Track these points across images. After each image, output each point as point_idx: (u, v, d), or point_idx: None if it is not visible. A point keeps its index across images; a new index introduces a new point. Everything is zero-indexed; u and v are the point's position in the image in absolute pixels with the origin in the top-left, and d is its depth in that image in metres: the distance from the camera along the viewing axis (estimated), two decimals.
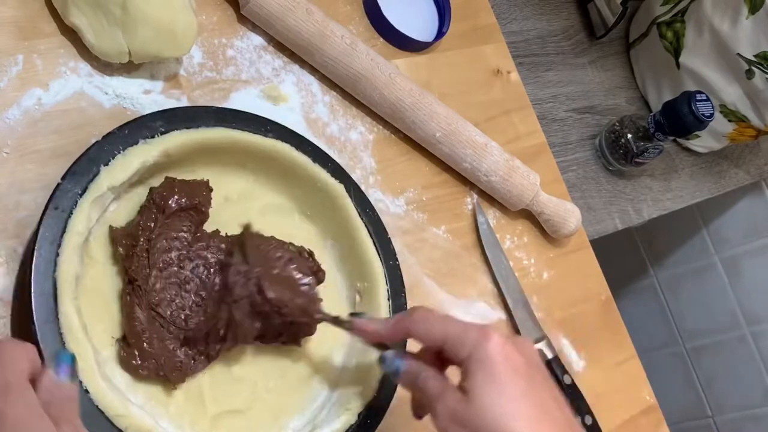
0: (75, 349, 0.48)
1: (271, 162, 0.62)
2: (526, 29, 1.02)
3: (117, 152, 0.54)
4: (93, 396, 0.48)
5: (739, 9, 0.96)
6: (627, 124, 0.99)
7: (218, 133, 0.59)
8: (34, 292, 0.48)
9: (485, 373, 0.45)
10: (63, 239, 0.50)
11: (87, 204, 0.51)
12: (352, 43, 0.71)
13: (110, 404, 0.49)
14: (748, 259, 1.35)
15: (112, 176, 0.53)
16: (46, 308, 0.48)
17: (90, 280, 0.53)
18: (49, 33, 0.59)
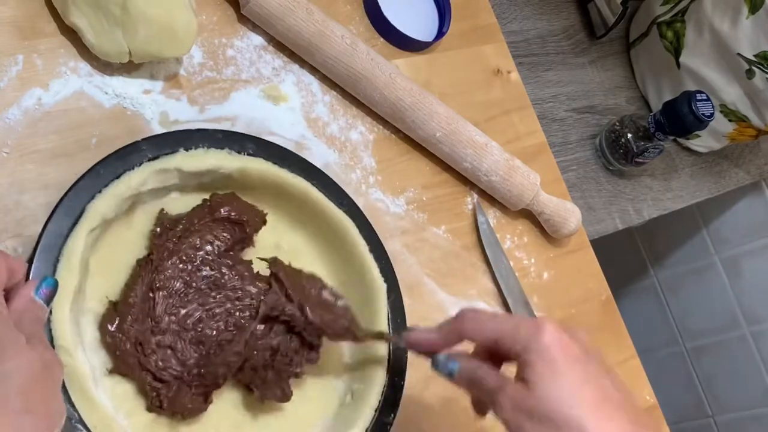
0: (62, 271, 0.49)
1: (333, 237, 0.63)
2: (526, 29, 1.02)
3: (201, 146, 0.58)
4: (51, 324, 0.49)
5: (739, 9, 0.96)
6: (627, 123, 0.99)
7: (299, 183, 0.61)
8: (57, 212, 0.51)
9: (544, 362, 0.46)
10: (112, 183, 0.53)
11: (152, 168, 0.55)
12: (352, 43, 0.71)
13: (62, 335, 0.49)
14: (748, 259, 1.35)
15: (185, 162, 0.57)
16: (58, 231, 0.51)
17: (116, 239, 0.55)
18: (49, 33, 0.59)
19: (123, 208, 0.55)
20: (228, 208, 0.58)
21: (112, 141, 0.59)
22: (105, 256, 0.55)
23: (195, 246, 0.57)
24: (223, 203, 0.58)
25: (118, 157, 0.55)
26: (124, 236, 0.56)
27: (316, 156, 0.69)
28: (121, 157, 0.55)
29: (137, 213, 0.57)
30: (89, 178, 0.53)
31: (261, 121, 0.67)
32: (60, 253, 0.50)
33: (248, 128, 0.66)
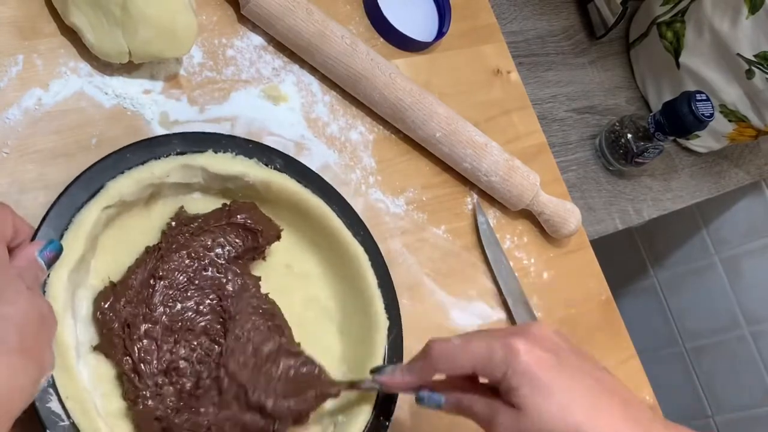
0: (68, 239, 0.50)
1: (344, 265, 0.62)
2: (526, 29, 1.02)
3: (230, 151, 0.59)
4: (47, 287, 0.49)
5: (739, 9, 0.96)
6: (627, 124, 0.99)
7: (320, 206, 0.61)
8: (74, 185, 0.52)
9: (527, 384, 0.46)
10: (136, 167, 0.54)
11: (178, 162, 0.56)
12: (352, 43, 0.71)
13: (55, 299, 0.49)
14: (748, 259, 1.35)
15: (211, 162, 0.57)
16: (71, 203, 0.52)
17: (132, 224, 0.56)
18: (49, 33, 0.59)
19: (143, 194, 0.55)
20: (245, 216, 0.58)
21: (112, 141, 0.59)
22: (117, 237, 0.55)
23: (206, 245, 0.57)
24: (241, 210, 0.58)
25: (147, 145, 0.55)
26: (140, 223, 0.57)
27: (315, 156, 0.69)
28: (149, 146, 0.55)
29: (158, 204, 0.58)
30: (113, 159, 0.54)
31: (261, 122, 0.67)
32: (70, 221, 0.51)
33: (248, 128, 0.66)
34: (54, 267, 0.49)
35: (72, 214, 0.51)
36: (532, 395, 0.46)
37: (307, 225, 0.62)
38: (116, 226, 0.55)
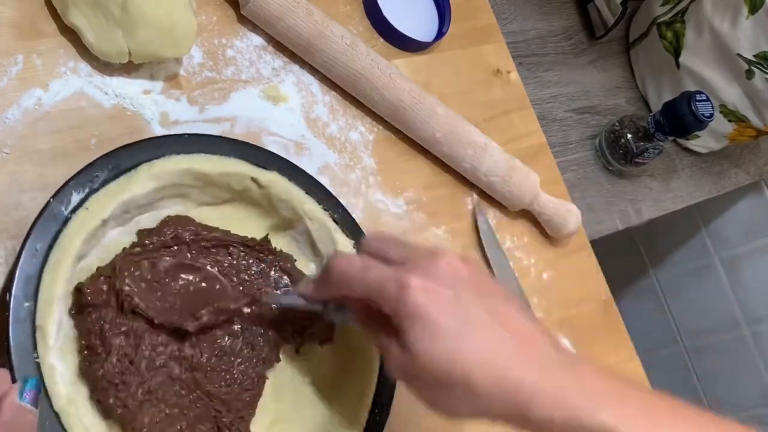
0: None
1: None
2: (526, 29, 1.02)
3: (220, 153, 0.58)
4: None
5: (739, 9, 0.96)
6: (627, 124, 0.99)
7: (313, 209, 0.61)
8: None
9: (415, 325, 0.43)
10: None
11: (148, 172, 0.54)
12: (352, 43, 0.71)
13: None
14: (748, 259, 1.35)
15: (200, 163, 0.56)
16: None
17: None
18: (48, 33, 0.59)
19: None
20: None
21: (112, 141, 0.59)
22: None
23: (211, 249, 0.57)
24: (171, 222, 0.56)
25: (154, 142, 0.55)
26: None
27: (315, 156, 0.69)
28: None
29: (143, 222, 0.56)
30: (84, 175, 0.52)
31: (261, 122, 0.67)
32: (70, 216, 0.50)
33: (248, 128, 0.66)
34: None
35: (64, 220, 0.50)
36: (420, 339, 0.43)
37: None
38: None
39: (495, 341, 0.44)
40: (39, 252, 0.49)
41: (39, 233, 0.49)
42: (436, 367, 0.43)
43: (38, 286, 0.48)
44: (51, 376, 0.47)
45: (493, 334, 0.44)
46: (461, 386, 0.43)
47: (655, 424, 0.44)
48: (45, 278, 0.49)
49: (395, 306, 0.44)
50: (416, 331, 0.43)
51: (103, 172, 0.52)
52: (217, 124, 0.65)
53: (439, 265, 0.45)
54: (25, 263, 0.48)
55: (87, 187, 0.51)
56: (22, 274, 0.48)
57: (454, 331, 0.43)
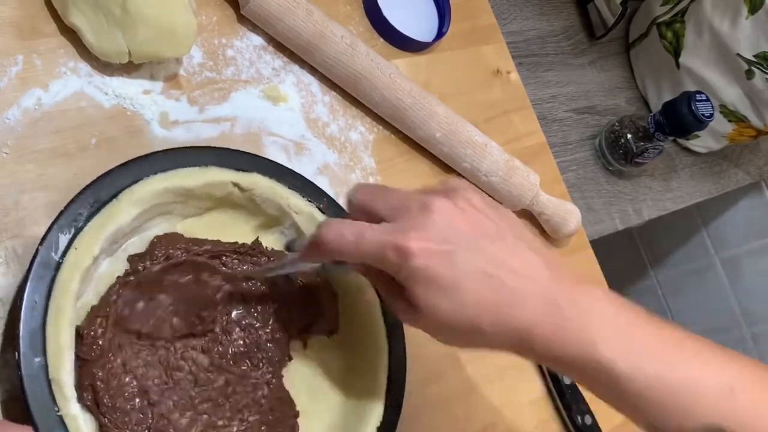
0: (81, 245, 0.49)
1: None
2: (525, 29, 1.02)
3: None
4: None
5: (738, 9, 0.96)
6: (627, 124, 0.99)
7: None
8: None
9: (419, 285, 0.44)
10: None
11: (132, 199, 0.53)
12: (352, 43, 0.71)
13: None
14: (748, 259, 1.35)
15: (180, 179, 0.55)
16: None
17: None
18: (48, 33, 0.59)
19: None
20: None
21: (112, 141, 0.59)
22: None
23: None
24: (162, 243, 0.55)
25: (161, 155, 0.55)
26: None
27: (315, 156, 0.69)
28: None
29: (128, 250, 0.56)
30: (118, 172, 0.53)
31: (261, 122, 0.67)
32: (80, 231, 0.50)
33: (248, 128, 0.66)
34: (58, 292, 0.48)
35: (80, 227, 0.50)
36: (425, 295, 0.44)
37: None
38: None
39: (496, 288, 0.44)
40: (38, 304, 0.48)
41: (35, 285, 0.48)
42: (442, 320, 0.45)
43: (44, 339, 0.47)
44: (75, 426, 0.47)
45: (493, 281, 0.44)
46: (470, 332, 0.45)
47: (657, 359, 0.45)
48: (49, 330, 0.48)
49: (397, 270, 0.45)
50: (420, 291, 0.44)
51: (85, 208, 0.51)
52: (217, 124, 0.65)
53: (434, 218, 0.45)
54: (26, 318, 0.47)
55: (72, 227, 0.50)
56: (26, 330, 0.47)
57: (455, 285, 0.44)
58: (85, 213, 0.51)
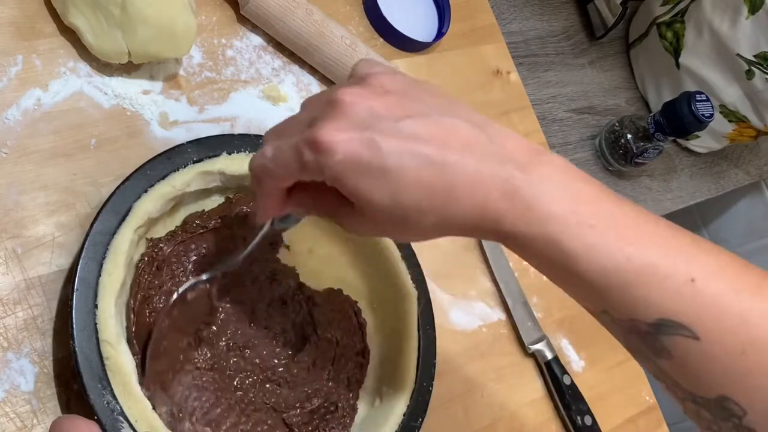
0: (108, 266, 0.50)
1: (368, 246, 0.63)
2: (525, 29, 1.02)
3: (243, 150, 0.59)
4: (97, 318, 0.49)
5: (738, 9, 0.96)
6: (627, 124, 0.99)
7: None
8: (104, 210, 0.51)
9: (346, 182, 0.40)
10: (158, 183, 0.54)
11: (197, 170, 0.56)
12: (352, 43, 0.71)
13: (105, 329, 0.49)
14: (747, 259, 1.34)
15: (228, 164, 0.58)
16: (105, 230, 0.51)
17: (160, 233, 0.57)
18: (48, 33, 0.59)
19: (167, 207, 0.56)
20: (245, 208, 0.58)
21: (112, 141, 0.59)
22: None
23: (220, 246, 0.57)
24: (243, 201, 0.58)
25: (164, 158, 0.55)
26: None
27: None
28: (167, 159, 0.56)
29: (180, 212, 0.58)
30: (136, 179, 0.54)
31: (260, 122, 0.67)
32: (107, 250, 0.51)
33: (248, 129, 0.66)
34: (100, 297, 0.49)
35: (107, 241, 0.51)
36: (356, 188, 0.40)
37: None
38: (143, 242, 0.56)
39: (434, 161, 0.39)
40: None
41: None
42: (386, 213, 0.40)
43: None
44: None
45: (430, 154, 0.39)
46: (416, 219, 0.41)
47: (613, 241, 0.40)
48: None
49: (321, 171, 0.40)
50: (350, 184, 0.40)
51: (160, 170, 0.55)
52: (216, 124, 0.65)
53: (344, 109, 0.40)
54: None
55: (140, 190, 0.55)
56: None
57: (385, 168, 0.39)
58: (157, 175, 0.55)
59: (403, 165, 0.39)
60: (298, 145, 0.40)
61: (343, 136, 0.39)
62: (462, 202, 0.40)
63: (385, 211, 0.40)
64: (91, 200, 0.56)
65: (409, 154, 0.39)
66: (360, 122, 0.40)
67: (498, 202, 0.40)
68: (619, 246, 0.40)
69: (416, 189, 0.40)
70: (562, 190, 0.41)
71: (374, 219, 0.41)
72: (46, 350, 0.51)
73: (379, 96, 0.41)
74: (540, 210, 0.40)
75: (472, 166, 0.40)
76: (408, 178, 0.39)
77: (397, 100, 0.41)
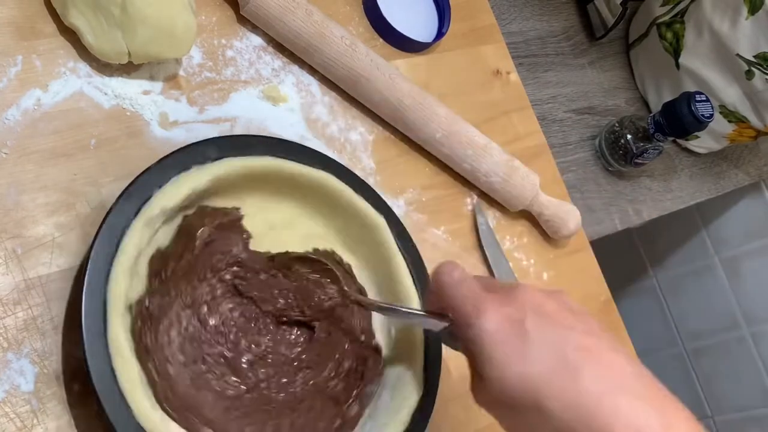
0: (120, 367, 0.48)
1: (315, 192, 0.62)
2: (525, 30, 1.02)
3: (170, 176, 0.55)
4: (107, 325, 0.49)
5: (738, 9, 0.96)
6: (626, 124, 0.99)
7: (266, 162, 0.60)
8: (84, 308, 0.49)
9: (481, 350, 0.44)
10: (114, 260, 0.50)
11: (140, 225, 0.52)
12: (352, 43, 0.71)
13: (116, 338, 0.49)
14: (747, 259, 1.35)
15: (165, 200, 0.53)
16: (96, 326, 0.49)
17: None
18: (48, 33, 0.59)
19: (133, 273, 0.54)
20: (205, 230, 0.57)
21: (112, 142, 0.59)
22: None
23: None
24: (196, 225, 0.57)
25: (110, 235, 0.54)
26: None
27: None
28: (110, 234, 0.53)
29: (141, 264, 0.56)
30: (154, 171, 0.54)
31: (260, 122, 0.67)
32: (107, 344, 0.49)
33: (248, 129, 0.66)
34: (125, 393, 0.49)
35: (102, 335, 0.50)
36: (488, 364, 0.44)
37: (310, 196, 0.63)
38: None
39: (567, 366, 0.43)
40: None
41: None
42: (506, 391, 0.43)
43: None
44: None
45: (565, 358, 0.43)
46: (534, 410, 0.43)
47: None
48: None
49: (465, 326, 0.45)
50: (485, 357, 0.44)
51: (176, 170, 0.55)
52: (216, 124, 0.65)
53: (517, 294, 0.46)
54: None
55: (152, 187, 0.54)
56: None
57: (521, 356, 0.43)
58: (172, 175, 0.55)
59: (541, 354, 0.43)
60: (471, 297, 0.46)
61: (500, 309, 0.45)
62: (582, 409, 0.42)
63: (504, 390, 0.44)
64: (91, 200, 0.56)
65: (552, 348, 0.43)
66: (525, 311, 0.45)
67: (625, 416, 0.41)
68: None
69: (544, 381, 0.42)
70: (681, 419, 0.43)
71: (492, 395, 0.44)
72: (46, 350, 0.51)
73: (553, 299, 0.46)
74: None
75: (609, 390, 0.42)
76: (540, 366, 0.43)
77: (567, 313, 0.46)
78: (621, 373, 0.43)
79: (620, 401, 0.42)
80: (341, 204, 0.63)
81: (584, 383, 0.42)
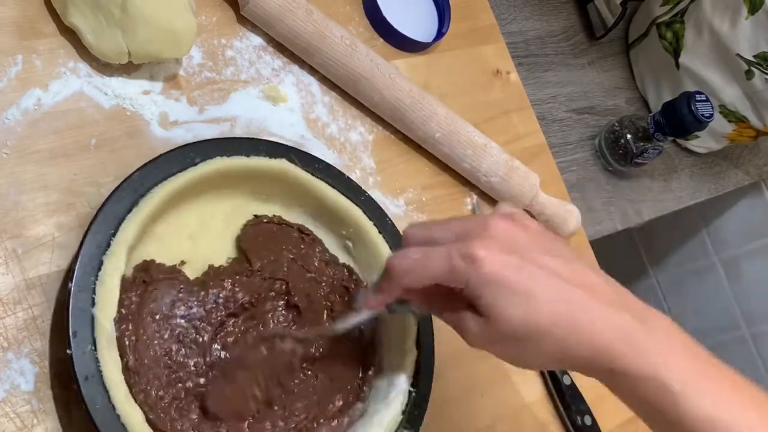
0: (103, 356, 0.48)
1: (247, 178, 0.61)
2: (525, 30, 1.02)
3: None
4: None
5: (738, 9, 0.96)
6: (626, 124, 0.99)
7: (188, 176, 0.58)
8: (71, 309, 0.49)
9: (490, 293, 0.46)
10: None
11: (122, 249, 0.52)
12: (352, 43, 0.71)
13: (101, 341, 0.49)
14: (747, 259, 1.35)
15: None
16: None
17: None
18: (48, 33, 0.59)
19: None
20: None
21: (112, 141, 0.59)
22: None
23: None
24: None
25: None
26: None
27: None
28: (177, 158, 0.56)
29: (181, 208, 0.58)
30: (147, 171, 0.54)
31: (260, 122, 0.67)
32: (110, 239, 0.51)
33: (248, 129, 0.66)
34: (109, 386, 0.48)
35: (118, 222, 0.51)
36: (495, 303, 0.45)
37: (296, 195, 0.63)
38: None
39: (570, 300, 0.46)
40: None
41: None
42: (513, 327, 0.45)
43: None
44: None
45: (566, 294, 0.46)
46: (538, 341, 0.46)
47: (716, 396, 0.46)
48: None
49: (467, 280, 0.46)
50: (492, 297, 0.45)
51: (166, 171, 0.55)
52: (216, 124, 0.65)
53: (495, 233, 0.47)
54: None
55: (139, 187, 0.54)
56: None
57: (529, 291, 0.45)
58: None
59: (540, 292, 0.45)
60: (452, 254, 0.46)
61: (494, 253, 0.46)
62: (583, 337, 0.45)
63: (513, 326, 0.46)
64: (91, 200, 0.56)
65: (547, 284, 0.46)
66: (508, 246, 0.46)
67: (616, 344, 0.45)
68: (723, 404, 0.46)
69: (547, 316, 0.45)
70: (672, 340, 0.47)
71: (495, 329, 0.46)
72: (46, 350, 0.51)
73: (523, 230, 0.48)
74: (654, 356, 0.45)
75: (597, 308, 0.46)
76: (548, 305, 0.45)
77: (537, 238, 0.48)
78: (602, 291, 0.48)
79: (621, 345, 0.45)
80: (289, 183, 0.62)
81: (585, 314, 0.46)
